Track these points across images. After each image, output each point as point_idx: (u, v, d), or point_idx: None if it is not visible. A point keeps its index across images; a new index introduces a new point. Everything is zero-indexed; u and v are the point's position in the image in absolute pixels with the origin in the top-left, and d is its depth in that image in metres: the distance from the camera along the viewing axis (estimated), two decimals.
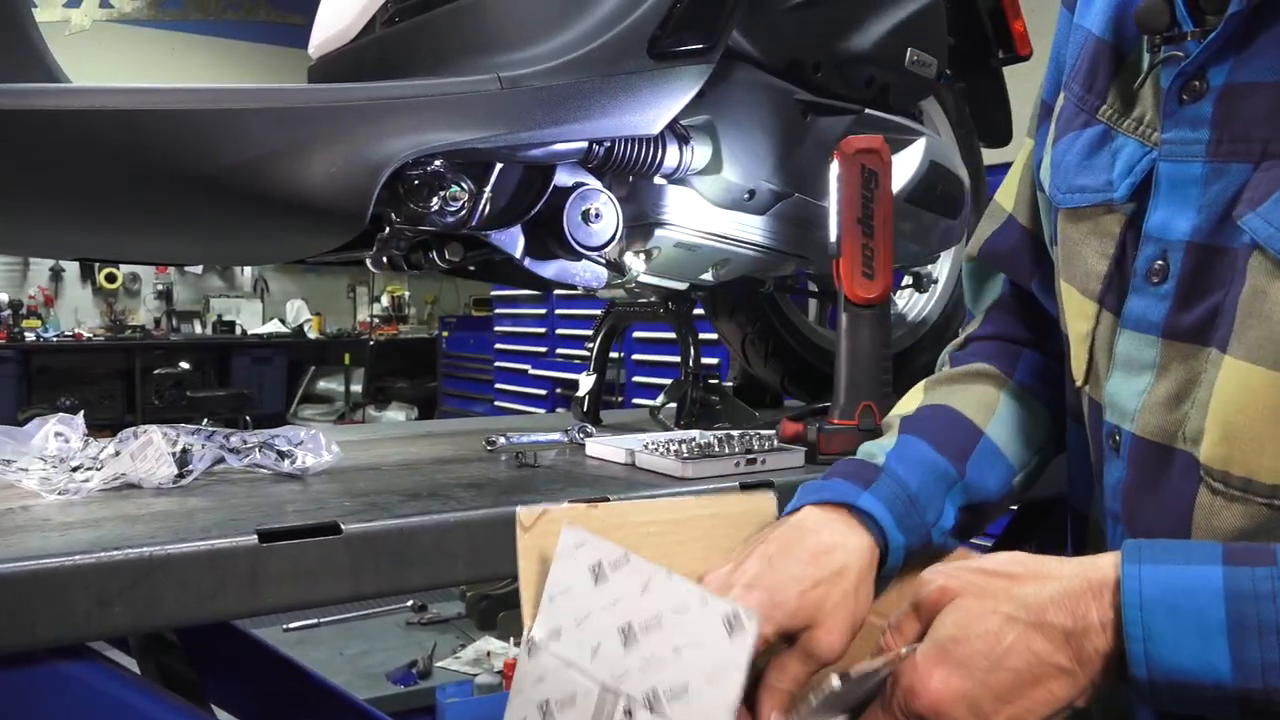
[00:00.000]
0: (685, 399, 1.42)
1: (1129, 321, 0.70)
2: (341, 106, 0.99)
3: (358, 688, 2.95)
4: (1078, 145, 0.75)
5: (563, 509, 0.62)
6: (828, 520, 0.73)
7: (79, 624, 0.69)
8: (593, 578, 0.55)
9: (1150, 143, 0.69)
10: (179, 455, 0.97)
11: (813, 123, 1.33)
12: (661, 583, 0.53)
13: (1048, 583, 0.57)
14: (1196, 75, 0.65)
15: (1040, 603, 0.57)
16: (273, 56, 8.08)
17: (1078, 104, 0.76)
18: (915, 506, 0.77)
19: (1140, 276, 0.69)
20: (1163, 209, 0.67)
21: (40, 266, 7.47)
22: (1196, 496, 0.64)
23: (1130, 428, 0.70)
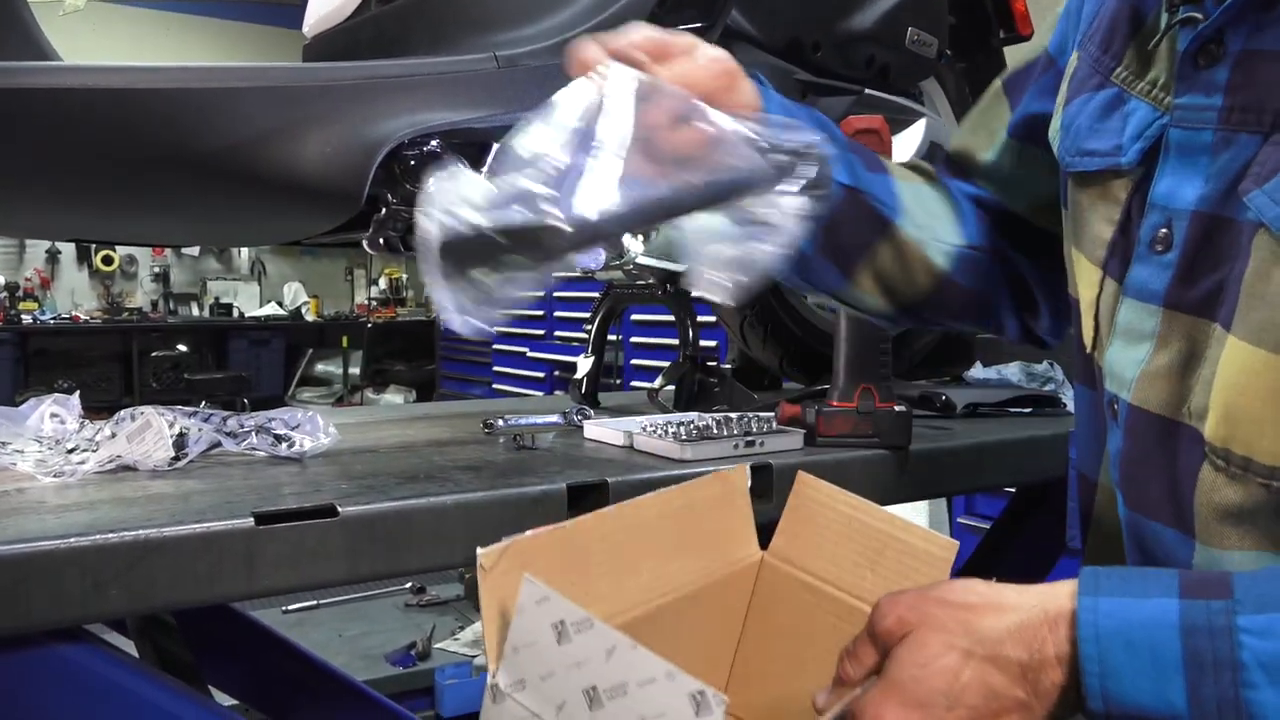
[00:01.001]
0: (684, 381, 1.41)
1: (1130, 290, 0.69)
2: (336, 86, 0.98)
3: (356, 669, 2.96)
4: (1090, 108, 0.73)
5: (526, 539, 0.59)
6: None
7: (74, 607, 0.69)
8: (556, 635, 0.53)
9: (1162, 107, 0.68)
10: (176, 438, 0.96)
11: (813, 103, 1.32)
12: (626, 653, 0.51)
13: (1005, 614, 0.57)
14: (1214, 39, 0.63)
15: (997, 636, 0.56)
16: (268, 36, 8.03)
17: (1093, 65, 0.74)
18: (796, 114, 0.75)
19: (1144, 244, 0.67)
20: (1170, 176, 0.66)
21: (37, 249, 7.45)
22: (1200, 471, 0.64)
23: (1126, 396, 0.69)
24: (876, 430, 1.11)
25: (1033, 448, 1.26)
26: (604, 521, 0.64)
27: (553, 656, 0.53)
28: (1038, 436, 1.27)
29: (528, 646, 0.54)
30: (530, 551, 0.58)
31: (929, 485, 1.19)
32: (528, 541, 0.59)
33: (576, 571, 0.60)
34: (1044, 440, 1.27)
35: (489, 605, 0.57)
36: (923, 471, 1.15)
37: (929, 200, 0.87)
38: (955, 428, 1.28)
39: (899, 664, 0.57)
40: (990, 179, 0.90)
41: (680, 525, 0.68)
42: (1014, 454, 1.24)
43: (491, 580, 0.56)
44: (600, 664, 0.51)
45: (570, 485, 0.90)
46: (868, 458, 1.10)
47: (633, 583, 0.64)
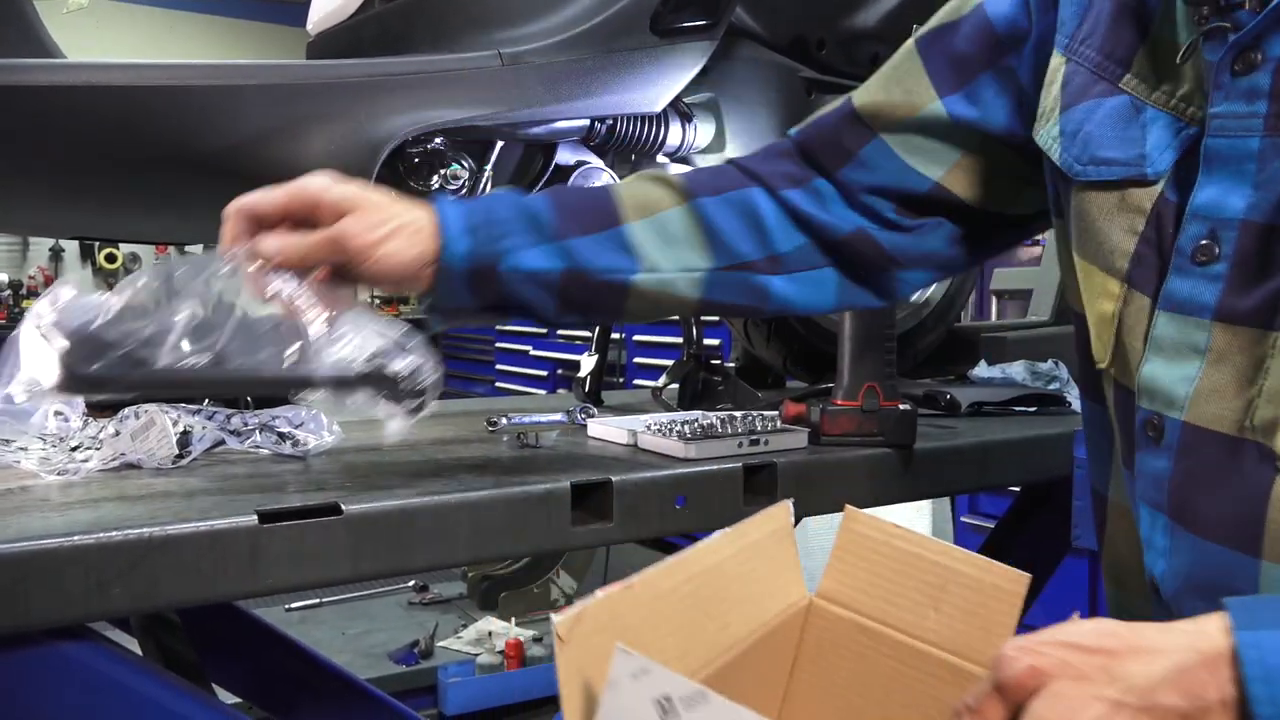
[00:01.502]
0: (687, 380, 1.41)
1: (1170, 303, 0.67)
2: (341, 83, 0.98)
3: (359, 667, 2.96)
4: (1099, 115, 0.72)
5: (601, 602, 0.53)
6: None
7: (78, 605, 0.69)
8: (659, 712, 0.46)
9: (1186, 117, 0.67)
10: (179, 436, 0.96)
11: (817, 100, 1.32)
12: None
13: (1154, 659, 0.51)
14: (1252, 46, 0.62)
15: (1150, 684, 0.50)
16: (272, 34, 8.03)
17: (1095, 70, 0.73)
18: (492, 224, 0.79)
19: (1184, 256, 0.65)
20: (1213, 185, 0.64)
21: (40, 246, 7.46)
22: (1272, 489, 0.61)
23: (1179, 416, 0.66)
24: (881, 429, 1.10)
25: (1038, 447, 1.26)
26: (669, 575, 0.59)
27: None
28: (1043, 435, 1.27)
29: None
30: (606, 615, 0.53)
31: (933, 484, 1.19)
32: (602, 604, 0.53)
33: (649, 633, 0.56)
34: (1049, 439, 1.26)
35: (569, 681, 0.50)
36: (927, 470, 1.14)
37: (674, 231, 0.85)
38: (960, 426, 1.28)
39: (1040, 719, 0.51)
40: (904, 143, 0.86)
41: (736, 572, 0.64)
42: (1019, 453, 1.24)
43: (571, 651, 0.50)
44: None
45: (575, 484, 0.90)
46: (872, 456, 1.10)
47: (699, 640, 0.60)
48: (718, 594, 0.62)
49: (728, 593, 0.62)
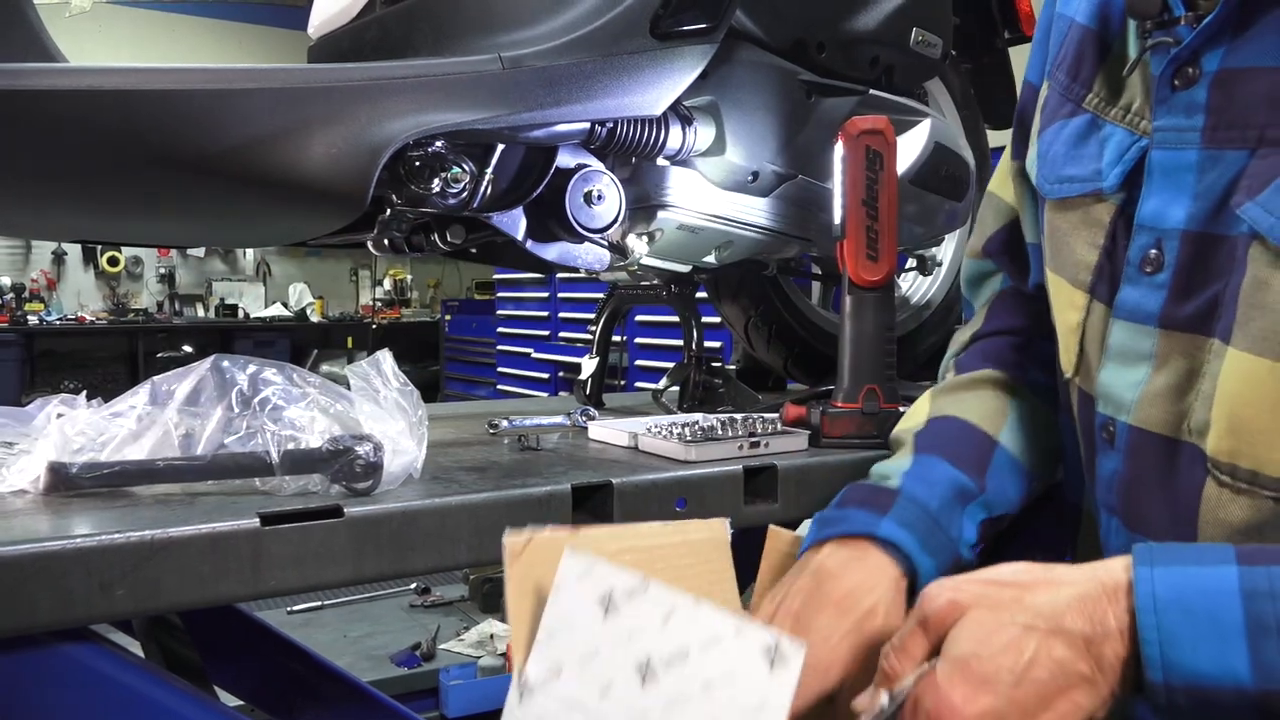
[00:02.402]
0: (688, 382, 1.41)
1: (1122, 311, 0.69)
2: (342, 87, 0.98)
3: (361, 670, 2.97)
4: (1064, 135, 0.74)
5: (547, 535, 0.55)
6: (850, 559, 0.71)
7: (80, 607, 0.69)
8: (602, 609, 0.48)
9: (1139, 130, 0.68)
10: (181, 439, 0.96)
11: (817, 103, 1.32)
12: (687, 612, 0.47)
13: (1061, 589, 0.55)
14: (1190, 61, 0.64)
15: (1056, 609, 0.54)
16: (272, 38, 8.05)
17: (1063, 93, 0.75)
18: (939, 527, 0.75)
19: (1133, 266, 0.68)
20: (1156, 197, 0.66)
21: (42, 250, 7.47)
22: (1204, 489, 0.63)
23: (1126, 419, 0.68)
24: (881, 431, 1.10)
25: None
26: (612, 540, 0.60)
27: (597, 632, 0.48)
28: None
29: (566, 628, 0.49)
30: (553, 547, 0.55)
31: None
32: (551, 537, 0.56)
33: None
34: None
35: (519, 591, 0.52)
36: None
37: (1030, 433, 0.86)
38: None
39: (958, 644, 0.55)
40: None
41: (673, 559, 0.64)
42: None
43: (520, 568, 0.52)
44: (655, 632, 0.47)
45: (575, 486, 0.90)
46: (873, 459, 1.10)
47: None
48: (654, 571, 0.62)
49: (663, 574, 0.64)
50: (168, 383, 0.89)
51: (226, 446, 0.86)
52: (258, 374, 0.90)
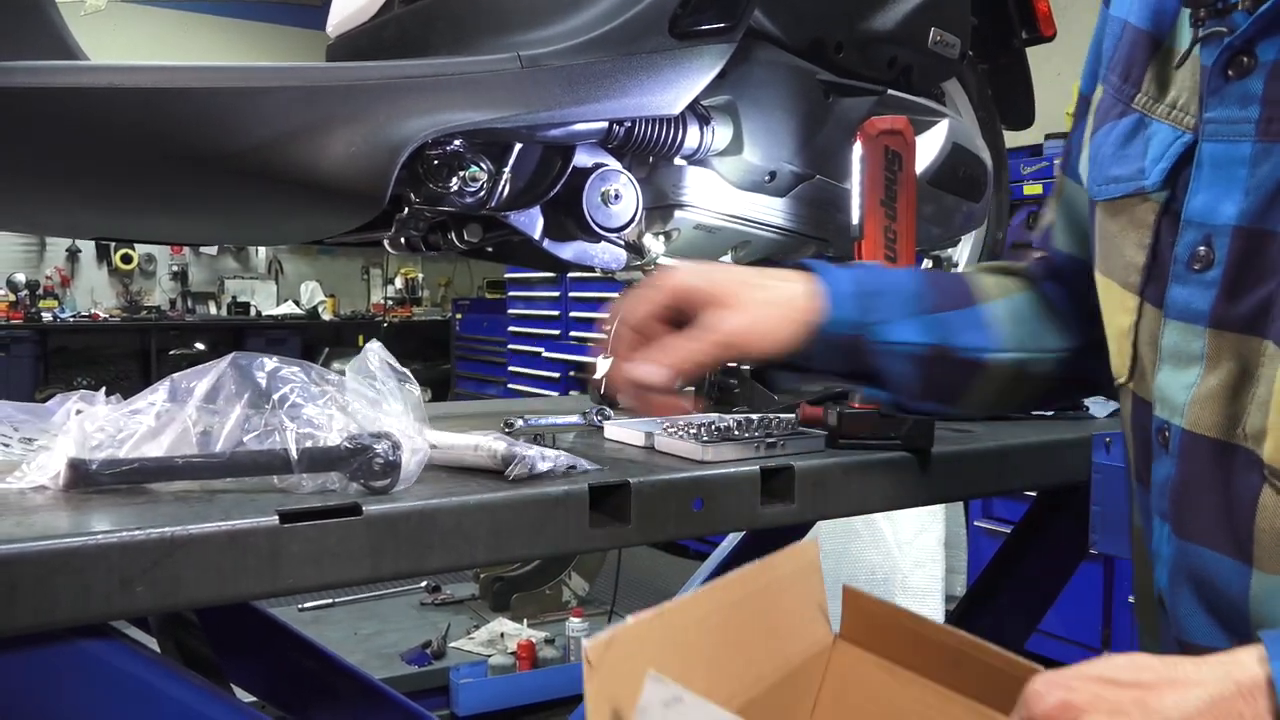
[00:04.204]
0: (703, 382, 1.41)
1: (1173, 311, 0.67)
2: (361, 85, 0.99)
3: (372, 668, 2.97)
4: (1112, 136, 0.73)
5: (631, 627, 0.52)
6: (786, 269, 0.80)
7: (101, 604, 0.69)
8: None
9: (1183, 126, 0.67)
10: (199, 436, 0.97)
11: (835, 103, 1.32)
12: None
13: (1189, 690, 0.49)
14: (1244, 50, 0.62)
15: (1185, 715, 0.48)
16: (289, 37, 8.07)
17: (1115, 94, 0.74)
18: (877, 299, 0.81)
19: (1181, 264, 0.66)
20: (1205, 192, 0.64)
21: (57, 247, 7.51)
22: (1260, 497, 0.61)
23: (1180, 422, 0.66)
24: (898, 432, 1.10)
25: (1055, 451, 1.25)
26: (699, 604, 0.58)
27: None
28: (1060, 440, 1.26)
29: None
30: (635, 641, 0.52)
31: (951, 488, 1.18)
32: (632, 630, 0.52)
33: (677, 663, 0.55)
34: (1066, 444, 1.26)
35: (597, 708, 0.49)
36: (944, 474, 1.14)
37: (1026, 313, 0.89)
38: (977, 430, 1.27)
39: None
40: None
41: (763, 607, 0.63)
42: (1036, 457, 1.23)
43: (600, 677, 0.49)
44: None
45: (592, 486, 0.90)
46: (889, 460, 1.09)
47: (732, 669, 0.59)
48: (745, 628, 0.61)
49: (754, 627, 0.62)
50: (187, 380, 0.90)
51: (245, 444, 0.86)
52: (276, 372, 0.90)
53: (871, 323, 0.82)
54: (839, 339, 0.82)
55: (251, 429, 0.87)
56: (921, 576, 3.17)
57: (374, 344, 0.93)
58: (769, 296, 0.79)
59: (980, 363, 0.85)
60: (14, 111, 0.86)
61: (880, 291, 0.83)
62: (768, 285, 0.79)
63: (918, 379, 0.85)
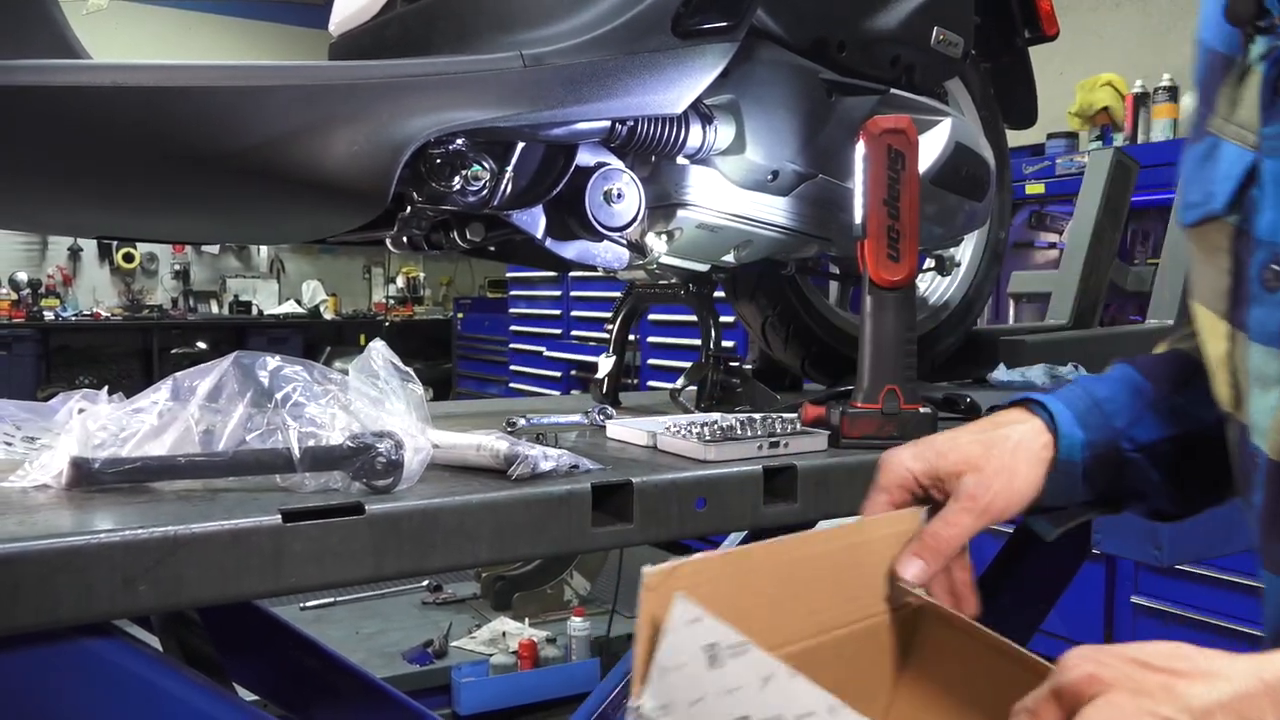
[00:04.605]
0: (706, 381, 1.41)
1: (1254, 334, 0.65)
2: (363, 84, 0.98)
3: (374, 667, 2.97)
4: (1192, 160, 0.72)
5: (693, 561, 0.56)
6: (1003, 412, 0.77)
7: (103, 602, 0.69)
8: (707, 659, 0.50)
9: (1248, 145, 0.66)
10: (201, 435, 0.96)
11: (837, 103, 1.32)
12: (784, 682, 0.49)
13: (1217, 682, 0.50)
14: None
15: (1206, 706, 0.49)
16: (291, 36, 8.07)
17: (1199, 119, 0.73)
18: (1100, 408, 0.77)
19: (1256, 284, 0.64)
20: (1271, 209, 0.63)
21: (58, 246, 7.51)
22: None
23: (1265, 448, 0.64)
24: (902, 432, 1.10)
25: None
26: (774, 552, 0.61)
27: (704, 681, 0.50)
28: None
29: (676, 669, 0.51)
30: (695, 574, 0.56)
31: None
32: (694, 564, 0.56)
33: (737, 599, 0.58)
34: None
35: (643, 624, 0.54)
36: None
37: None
38: None
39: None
40: None
41: (846, 563, 0.65)
42: None
43: (651, 600, 0.53)
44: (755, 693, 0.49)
45: (595, 485, 0.90)
46: None
47: (792, 617, 0.62)
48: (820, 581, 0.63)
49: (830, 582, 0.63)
50: (189, 379, 0.90)
51: (247, 443, 0.86)
52: (279, 370, 0.90)
53: (1112, 433, 0.78)
54: (1080, 464, 0.77)
55: (254, 428, 0.87)
56: None
57: (377, 343, 0.93)
58: (1012, 447, 0.74)
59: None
60: (17, 110, 0.86)
61: (1102, 399, 0.78)
62: (1007, 436, 0.75)
63: (1166, 477, 0.79)
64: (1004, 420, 0.77)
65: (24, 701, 0.72)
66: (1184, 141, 0.80)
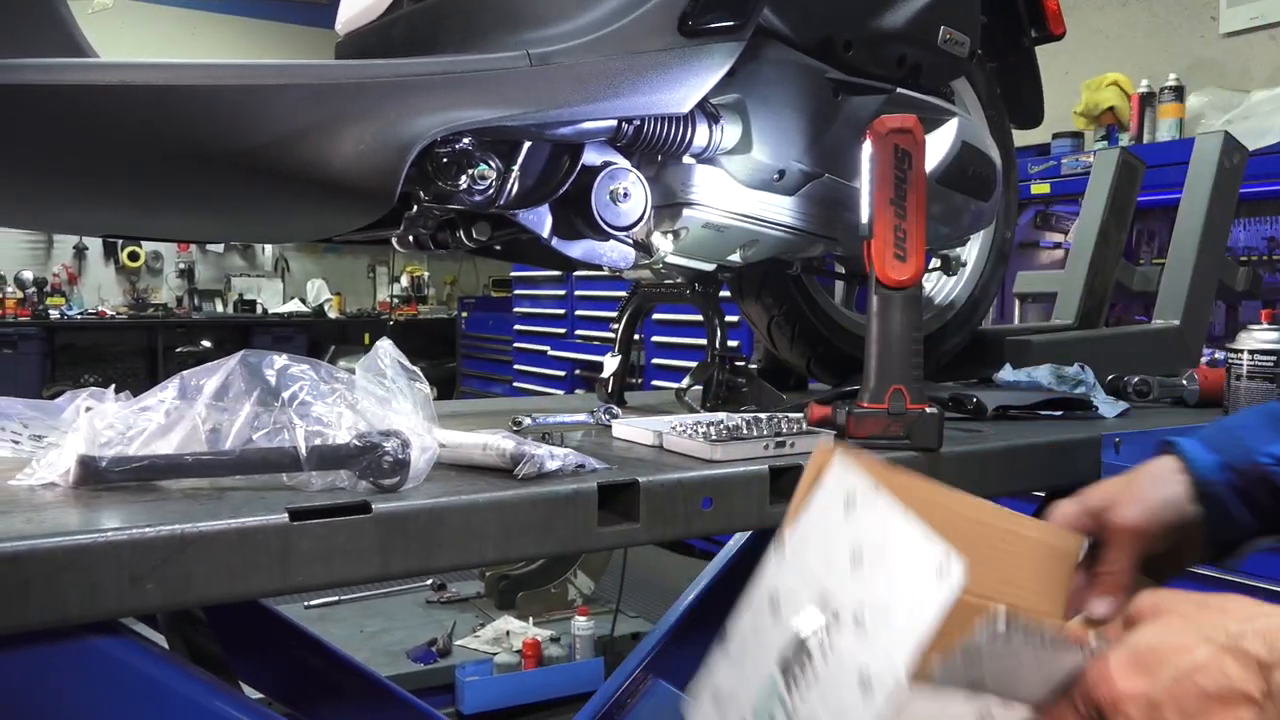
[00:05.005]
0: (711, 381, 1.41)
1: None
2: (370, 83, 0.98)
3: (378, 665, 2.97)
4: None
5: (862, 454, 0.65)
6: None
7: (110, 600, 0.69)
8: (844, 503, 0.61)
9: None
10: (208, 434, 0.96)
11: (844, 102, 1.31)
12: (898, 521, 0.59)
13: (1258, 618, 0.57)
14: None
15: (1241, 631, 0.56)
16: (297, 35, 8.08)
17: None
18: (1228, 432, 0.81)
19: None
20: None
21: (64, 244, 7.53)
22: None
23: None
24: (908, 432, 1.10)
25: (1064, 451, 1.25)
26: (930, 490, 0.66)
27: (838, 519, 0.62)
28: (1069, 440, 1.26)
29: (821, 508, 0.63)
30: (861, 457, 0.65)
31: (960, 488, 1.17)
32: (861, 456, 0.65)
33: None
34: (1075, 444, 1.25)
35: (809, 473, 0.67)
36: (953, 474, 1.13)
37: None
38: (986, 430, 1.27)
39: (1139, 634, 0.59)
40: None
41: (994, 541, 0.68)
42: (1045, 457, 1.23)
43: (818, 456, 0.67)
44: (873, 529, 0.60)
45: (601, 484, 0.90)
46: (898, 460, 1.09)
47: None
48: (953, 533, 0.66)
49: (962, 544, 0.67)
50: (196, 377, 0.90)
51: (254, 442, 0.86)
52: (286, 369, 0.90)
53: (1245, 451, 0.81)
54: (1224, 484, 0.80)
55: (261, 427, 0.87)
56: None
57: (384, 342, 0.93)
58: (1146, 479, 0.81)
59: None
60: (25, 108, 0.86)
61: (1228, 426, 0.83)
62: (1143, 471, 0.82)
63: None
64: (1140, 465, 0.83)
65: (32, 699, 0.72)
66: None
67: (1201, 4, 4.20)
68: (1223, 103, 3.72)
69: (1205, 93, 3.83)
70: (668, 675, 1.69)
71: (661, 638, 1.71)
